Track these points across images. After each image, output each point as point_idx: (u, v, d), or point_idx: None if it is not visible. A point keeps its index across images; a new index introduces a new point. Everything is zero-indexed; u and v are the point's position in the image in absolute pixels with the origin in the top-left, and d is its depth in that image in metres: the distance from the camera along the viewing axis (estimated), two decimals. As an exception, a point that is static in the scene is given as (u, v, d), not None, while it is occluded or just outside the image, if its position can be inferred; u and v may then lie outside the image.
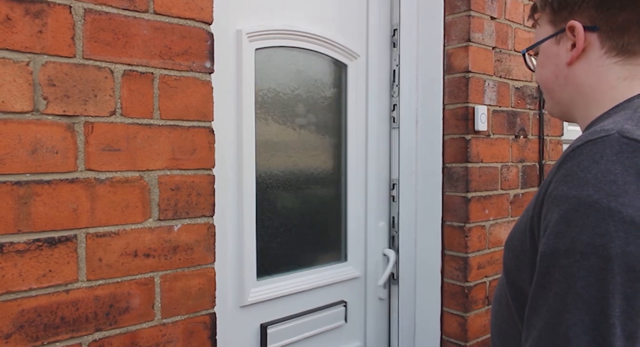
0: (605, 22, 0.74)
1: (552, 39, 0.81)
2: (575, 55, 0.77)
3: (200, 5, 1.04)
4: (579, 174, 0.62)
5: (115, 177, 0.94)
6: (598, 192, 0.60)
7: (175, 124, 1.02)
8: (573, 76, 0.79)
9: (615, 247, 0.57)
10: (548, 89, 0.84)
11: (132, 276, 0.96)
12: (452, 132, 1.69)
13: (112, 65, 0.93)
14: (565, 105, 0.82)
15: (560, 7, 0.78)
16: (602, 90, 0.76)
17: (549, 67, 0.82)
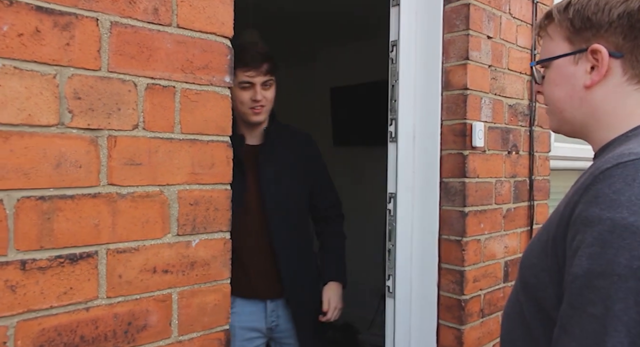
0: (630, 51, 0.74)
1: (570, 58, 0.79)
2: (596, 79, 0.77)
3: (222, 20, 1.04)
4: (611, 196, 0.64)
5: (137, 192, 0.93)
6: (633, 215, 0.62)
7: (195, 138, 1.01)
8: (590, 99, 0.79)
9: None
10: (559, 108, 0.83)
11: (150, 293, 0.94)
12: (450, 148, 1.73)
13: (136, 79, 0.92)
14: (577, 125, 0.83)
15: (584, 27, 0.77)
16: (619, 116, 0.77)
17: (563, 87, 0.81)
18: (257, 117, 1.70)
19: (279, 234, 1.72)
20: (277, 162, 1.76)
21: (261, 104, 1.68)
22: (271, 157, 1.75)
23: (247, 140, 1.77)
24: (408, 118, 1.79)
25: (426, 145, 1.78)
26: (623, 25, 0.74)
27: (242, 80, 1.65)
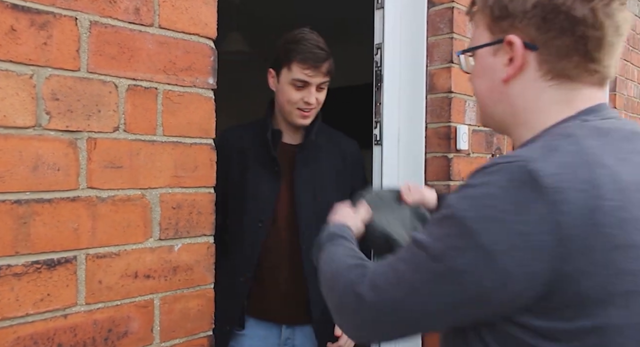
0: (544, 44, 0.69)
1: (489, 49, 0.75)
2: (512, 73, 0.72)
3: (205, 20, 1.03)
4: (468, 190, 0.63)
5: (117, 196, 0.90)
6: (472, 211, 0.60)
7: (178, 140, 0.99)
8: (508, 94, 0.74)
9: (457, 264, 0.59)
10: (481, 102, 0.79)
11: (131, 299, 0.92)
12: (435, 151, 1.74)
13: (117, 80, 0.90)
14: (498, 121, 0.78)
15: (502, 15, 0.72)
16: (534, 113, 0.73)
17: (484, 79, 0.77)
18: (304, 120, 1.47)
19: (310, 250, 1.53)
20: (317, 167, 1.53)
21: (312, 107, 1.46)
22: (310, 159, 1.52)
23: (284, 137, 1.53)
24: (393, 121, 1.79)
25: (411, 148, 1.78)
26: (537, 16, 0.68)
27: (298, 78, 1.41)
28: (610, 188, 0.58)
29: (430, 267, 0.62)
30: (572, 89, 0.70)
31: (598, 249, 0.56)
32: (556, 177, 0.57)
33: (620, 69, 2.88)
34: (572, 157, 0.60)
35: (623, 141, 0.65)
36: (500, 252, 0.57)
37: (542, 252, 0.56)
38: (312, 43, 1.44)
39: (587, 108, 0.70)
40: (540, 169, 0.58)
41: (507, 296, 0.58)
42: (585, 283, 0.56)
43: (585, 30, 0.66)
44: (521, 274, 0.57)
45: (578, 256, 0.56)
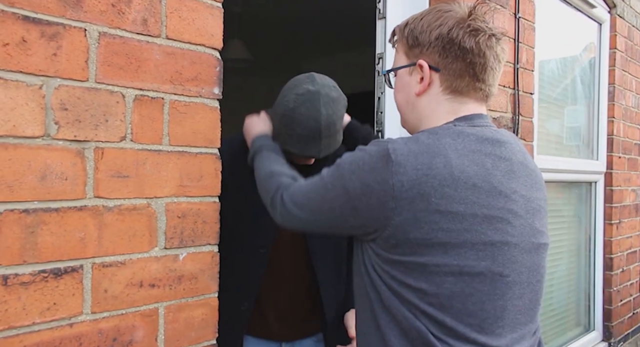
0: (444, 67, 0.89)
1: (406, 70, 0.95)
2: (422, 89, 0.92)
3: (211, 31, 1.04)
4: (355, 151, 0.88)
5: (124, 205, 0.91)
6: (347, 164, 0.87)
7: (184, 150, 1.00)
8: (418, 105, 0.94)
9: (331, 194, 0.88)
10: (400, 110, 0.99)
11: (136, 308, 0.92)
12: (436, 160, 1.74)
13: (124, 90, 0.91)
14: (411, 125, 0.98)
15: (414, 44, 0.93)
16: (432, 119, 0.92)
17: (402, 93, 0.97)
18: None
19: (325, 276, 1.42)
20: None
21: None
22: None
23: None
24: (394, 130, 1.80)
25: (412, 157, 1.79)
26: (438, 46, 0.89)
27: None
28: (441, 172, 0.79)
29: (321, 191, 0.90)
30: (461, 102, 0.91)
31: (421, 209, 0.78)
32: (403, 157, 0.80)
33: (619, 79, 2.90)
34: (424, 147, 0.81)
35: (476, 143, 0.85)
36: (353, 194, 0.83)
37: (380, 202, 0.80)
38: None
39: (462, 116, 0.90)
40: (396, 149, 0.81)
41: (357, 222, 0.85)
42: (412, 231, 0.79)
43: (472, 58, 0.88)
44: (365, 211, 0.82)
45: (405, 212, 0.79)
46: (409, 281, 0.81)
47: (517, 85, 2.03)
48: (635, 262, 3.08)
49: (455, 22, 0.88)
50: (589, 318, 2.82)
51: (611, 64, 2.87)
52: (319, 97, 1.21)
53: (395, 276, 0.82)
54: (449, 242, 0.79)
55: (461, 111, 0.90)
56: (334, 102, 1.26)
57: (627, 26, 2.97)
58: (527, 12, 2.08)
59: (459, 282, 0.80)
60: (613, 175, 2.84)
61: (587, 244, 2.83)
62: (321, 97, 1.22)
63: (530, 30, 2.10)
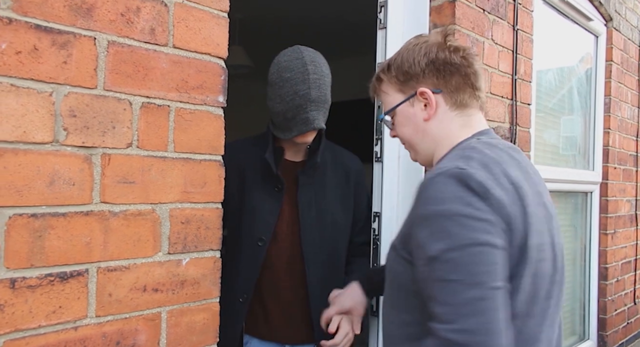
0: (444, 86, 0.98)
1: (407, 103, 1.00)
2: (432, 113, 0.98)
3: (217, 41, 1.06)
4: (438, 195, 0.84)
5: (129, 210, 0.93)
6: (453, 204, 0.82)
7: (188, 157, 1.02)
8: (429, 130, 0.99)
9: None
10: (412, 143, 1.03)
11: (140, 312, 0.94)
12: (434, 169, 1.77)
13: (131, 98, 0.93)
14: (427, 154, 1.02)
15: (406, 79, 1.00)
16: (448, 137, 0.99)
17: (408, 126, 1.01)
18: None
19: (315, 272, 1.45)
20: (321, 186, 1.51)
21: None
22: (314, 177, 1.50)
23: (287, 154, 1.52)
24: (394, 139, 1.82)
25: (411, 165, 1.81)
26: (432, 70, 0.97)
27: None
28: (505, 179, 0.85)
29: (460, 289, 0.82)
30: (468, 114, 0.99)
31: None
32: (478, 174, 0.84)
33: (614, 91, 2.94)
34: (484, 163, 0.87)
35: (504, 152, 0.92)
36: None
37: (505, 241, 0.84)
38: None
39: (479, 131, 0.99)
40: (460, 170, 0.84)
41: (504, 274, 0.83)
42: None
43: (465, 70, 0.97)
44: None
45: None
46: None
47: (514, 96, 2.06)
48: (629, 272, 3.10)
49: (437, 46, 0.99)
50: (584, 327, 2.84)
51: (607, 75, 2.91)
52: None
53: None
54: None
55: (474, 123, 0.99)
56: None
57: (622, 39, 3.02)
58: (525, 25, 2.11)
59: (532, 284, 0.85)
60: (608, 185, 2.87)
61: (583, 254, 2.85)
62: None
63: (528, 42, 2.13)
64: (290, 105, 1.37)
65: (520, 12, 2.07)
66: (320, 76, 1.41)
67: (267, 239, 1.42)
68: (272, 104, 1.43)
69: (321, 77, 1.42)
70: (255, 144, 1.53)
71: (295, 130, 1.40)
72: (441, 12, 1.78)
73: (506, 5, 2.00)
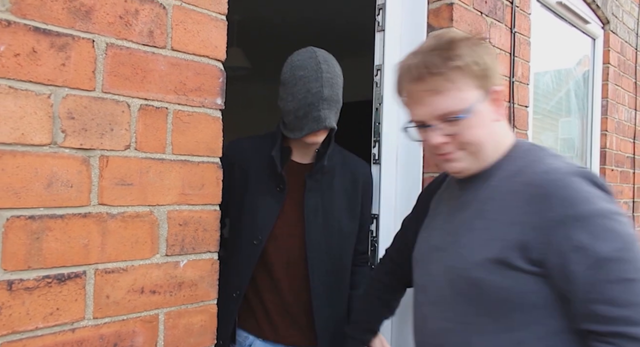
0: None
1: (481, 102, 0.92)
2: (501, 113, 0.95)
3: (215, 43, 1.06)
4: (585, 195, 0.83)
5: (127, 212, 0.93)
6: (607, 203, 0.83)
7: (186, 159, 1.02)
8: (496, 131, 0.96)
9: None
10: (482, 145, 0.94)
11: (137, 314, 0.94)
12: (432, 171, 1.77)
13: (130, 100, 0.93)
14: (488, 158, 0.96)
15: (484, 74, 0.92)
16: (505, 139, 0.98)
17: (483, 127, 0.93)
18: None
19: (319, 279, 1.42)
20: (329, 190, 1.48)
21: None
22: (322, 180, 1.47)
23: (294, 155, 1.49)
24: (391, 141, 1.82)
25: (409, 168, 1.82)
26: (497, 70, 0.96)
27: None
28: None
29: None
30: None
31: None
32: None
33: (612, 94, 2.95)
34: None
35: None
36: None
37: None
38: None
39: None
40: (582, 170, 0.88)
41: None
42: None
43: None
44: None
45: None
46: None
47: (512, 99, 2.06)
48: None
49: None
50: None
51: (604, 78, 2.92)
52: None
53: None
54: None
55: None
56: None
57: (619, 42, 3.03)
58: (522, 27, 2.12)
59: None
60: (606, 187, 2.87)
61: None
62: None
63: (525, 45, 2.14)
64: (302, 103, 1.37)
65: (518, 15, 2.08)
66: (332, 75, 1.41)
67: (263, 239, 1.41)
68: (283, 103, 1.43)
69: (334, 77, 1.42)
70: (263, 142, 1.51)
71: (306, 128, 1.38)
72: (439, 15, 1.79)
73: (504, 8, 2.01)
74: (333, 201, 1.48)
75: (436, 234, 1.04)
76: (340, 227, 1.49)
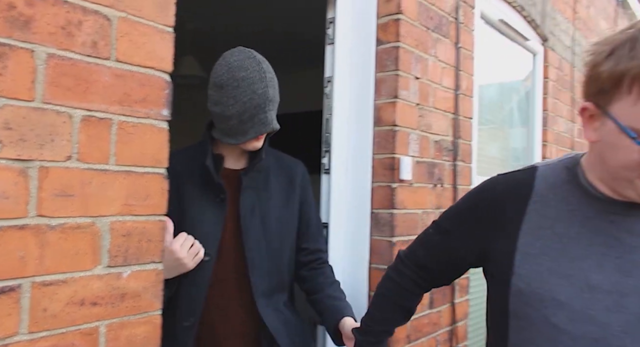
0: None
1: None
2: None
3: (161, 55, 1.07)
4: None
5: (67, 224, 0.92)
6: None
7: (131, 169, 1.02)
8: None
9: None
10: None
11: (77, 326, 0.93)
12: (380, 180, 1.83)
13: (72, 110, 0.93)
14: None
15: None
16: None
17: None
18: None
19: (261, 282, 1.37)
20: (265, 192, 1.43)
21: None
22: (258, 179, 1.43)
23: (227, 162, 1.44)
24: (341, 151, 1.87)
25: (358, 177, 1.86)
26: None
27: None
28: None
29: None
30: None
31: None
32: None
33: (551, 107, 3.12)
34: None
35: None
36: None
37: None
38: None
39: None
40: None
41: None
42: None
43: None
44: None
45: None
46: None
47: (457, 111, 2.16)
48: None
49: None
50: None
51: (545, 92, 3.09)
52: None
53: None
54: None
55: None
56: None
57: (558, 58, 3.21)
58: (466, 43, 2.22)
59: None
60: (546, 195, 3.03)
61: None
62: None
63: (469, 59, 2.24)
64: (248, 105, 1.30)
65: (462, 31, 2.18)
66: (273, 75, 1.38)
67: (213, 253, 1.34)
68: (221, 108, 1.34)
69: (274, 76, 1.38)
70: (191, 154, 1.44)
71: (251, 132, 1.34)
72: (387, 30, 1.86)
73: (449, 24, 2.10)
74: (270, 200, 1.44)
75: (590, 269, 0.84)
76: (279, 225, 1.44)
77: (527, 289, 0.88)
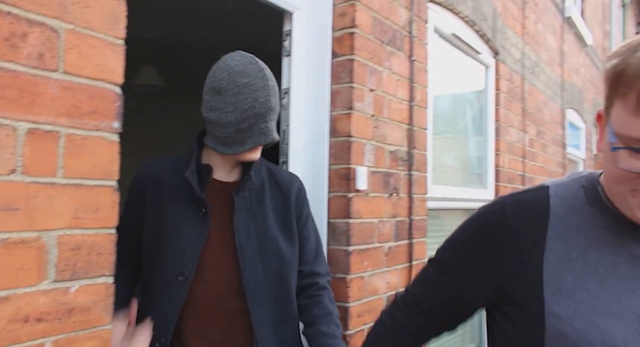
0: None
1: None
2: None
3: (111, 67, 1.07)
4: None
5: (11, 238, 0.90)
6: None
7: (80, 182, 1.01)
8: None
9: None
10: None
11: (20, 344, 0.91)
12: (336, 190, 1.86)
13: (16, 123, 0.91)
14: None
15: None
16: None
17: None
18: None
19: (262, 312, 1.25)
20: (260, 208, 1.31)
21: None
22: (251, 197, 1.30)
23: (216, 173, 1.32)
24: (298, 162, 1.89)
25: (315, 188, 1.89)
26: None
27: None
28: None
29: None
30: None
31: None
32: None
33: (503, 117, 3.25)
34: None
35: None
36: None
37: None
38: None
39: None
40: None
41: None
42: None
43: None
44: None
45: None
46: None
47: (412, 121, 2.22)
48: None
49: None
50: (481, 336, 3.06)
51: (497, 103, 3.21)
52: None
53: None
54: None
55: None
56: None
57: (508, 70, 3.35)
58: (420, 56, 2.30)
59: None
60: (499, 203, 3.14)
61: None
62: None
63: (423, 72, 2.32)
64: (248, 113, 1.22)
65: (416, 45, 2.25)
66: (275, 83, 1.30)
67: (189, 273, 1.22)
68: (217, 115, 1.24)
69: (275, 85, 1.30)
70: (178, 162, 1.33)
71: (249, 142, 1.24)
72: (342, 43, 1.90)
73: (402, 38, 2.17)
74: (266, 219, 1.31)
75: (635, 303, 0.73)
76: (278, 248, 1.31)
77: (573, 333, 0.73)
